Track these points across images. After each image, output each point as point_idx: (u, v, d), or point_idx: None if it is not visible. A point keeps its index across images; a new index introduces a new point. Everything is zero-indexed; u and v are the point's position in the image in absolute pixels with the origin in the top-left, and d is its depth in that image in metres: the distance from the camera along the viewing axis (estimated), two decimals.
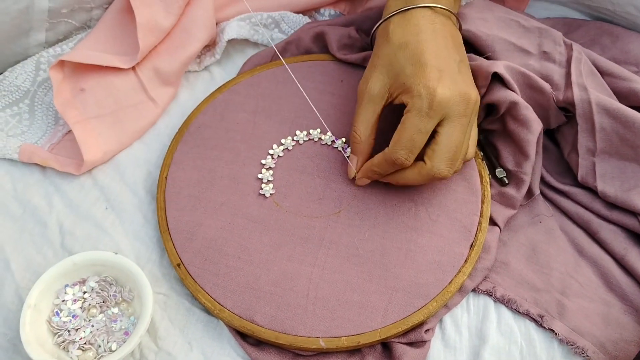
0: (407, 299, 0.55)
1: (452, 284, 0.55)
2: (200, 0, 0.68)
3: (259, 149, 0.63)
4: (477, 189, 0.61)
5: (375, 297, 0.55)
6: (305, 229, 0.58)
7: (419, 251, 0.57)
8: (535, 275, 0.58)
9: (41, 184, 0.64)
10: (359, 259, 0.57)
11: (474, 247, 0.57)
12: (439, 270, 0.56)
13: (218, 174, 0.62)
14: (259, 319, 0.54)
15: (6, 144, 0.64)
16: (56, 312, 0.55)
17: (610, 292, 0.57)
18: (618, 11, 0.68)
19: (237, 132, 0.65)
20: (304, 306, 0.54)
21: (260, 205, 0.60)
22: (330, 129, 0.64)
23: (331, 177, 0.61)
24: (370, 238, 0.58)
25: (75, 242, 0.60)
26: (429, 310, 0.54)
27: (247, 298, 0.55)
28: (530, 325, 0.56)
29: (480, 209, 0.59)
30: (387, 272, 0.56)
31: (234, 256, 0.57)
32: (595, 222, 0.60)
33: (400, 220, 0.59)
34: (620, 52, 0.68)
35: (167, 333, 0.56)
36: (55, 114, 0.67)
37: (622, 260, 0.58)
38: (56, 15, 0.68)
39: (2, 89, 0.67)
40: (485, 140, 0.64)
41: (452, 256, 0.57)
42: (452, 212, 0.59)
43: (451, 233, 0.58)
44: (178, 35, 0.68)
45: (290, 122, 0.65)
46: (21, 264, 0.59)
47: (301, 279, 0.56)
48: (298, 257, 0.57)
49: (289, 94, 0.67)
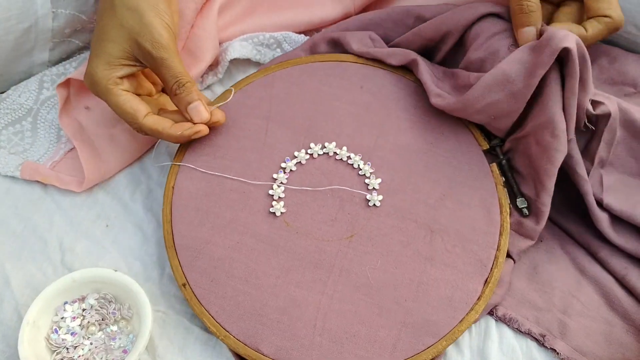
0: (417, 336, 0.53)
1: (463, 323, 0.54)
2: (205, 23, 0.68)
3: (270, 160, 0.61)
4: (497, 219, 0.58)
5: (384, 332, 0.53)
6: (315, 253, 0.57)
7: (432, 284, 0.55)
8: (537, 294, 0.58)
9: (42, 201, 0.64)
10: (370, 289, 0.55)
11: (489, 283, 0.55)
12: (451, 308, 0.54)
13: (227, 187, 0.59)
14: (265, 348, 0.53)
15: (8, 162, 0.65)
16: (55, 329, 0.55)
17: (612, 311, 0.57)
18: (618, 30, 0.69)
19: (248, 140, 0.61)
20: (310, 337, 0.53)
21: (270, 224, 0.58)
22: (347, 142, 0.61)
23: (345, 197, 0.59)
24: (382, 267, 0.56)
25: (75, 259, 0.60)
26: (438, 349, 0.53)
27: (253, 325, 0.54)
28: (532, 345, 0.56)
29: (497, 241, 0.57)
30: (398, 305, 0.54)
31: (241, 279, 0.56)
32: (595, 243, 0.60)
33: (415, 248, 0.57)
34: (618, 73, 0.68)
35: (166, 351, 0.56)
36: (57, 131, 0.67)
37: (622, 280, 0.58)
38: (60, 35, 0.68)
39: (5, 107, 0.68)
40: (508, 164, 0.61)
41: (465, 292, 0.55)
42: (468, 243, 0.57)
43: (466, 266, 0.56)
44: (184, 59, 0.68)
45: (305, 132, 0.62)
46: (21, 281, 0.59)
47: (309, 308, 0.54)
48: (307, 284, 0.55)
49: (305, 99, 0.64)
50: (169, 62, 0.56)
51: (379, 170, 0.60)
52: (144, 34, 0.55)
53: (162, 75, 0.57)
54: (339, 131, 0.62)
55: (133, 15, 0.56)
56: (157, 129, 0.57)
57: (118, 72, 0.57)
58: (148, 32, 0.55)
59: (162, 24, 0.56)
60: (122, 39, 0.56)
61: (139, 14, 0.56)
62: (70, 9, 0.67)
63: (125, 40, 0.56)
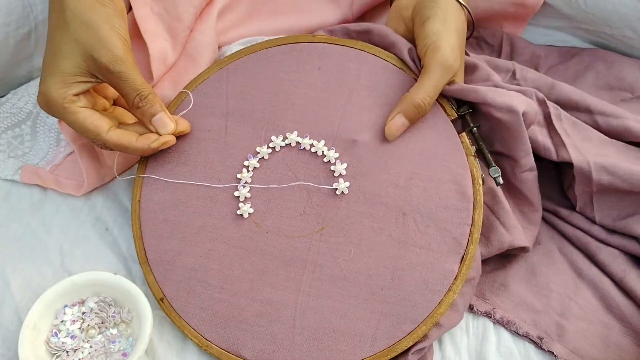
0: (395, 323, 0.53)
1: (442, 305, 0.53)
2: (204, 27, 0.69)
3: (233, 159, 0.58)
4: (469, 193, 0.55)
5: (362, 324, 0.53)
6: (287, 252, 0.56)
7: (407, 269, 0.54)
8: (535, 297, 0.58)
9: (42, 205, 0.64)
10: (345, 282, 0.54)
11: (465, 261, 0.54)
12: (428, 291, 0.53)
13: (193, 194, 0.58)
14: (246, 354, 0.53)
15: (7, 165, 0.65)
16: (55, 332, 0.55)
17: (610, 314, 0.57)
18: (616, 34, 0.69)
19: (208, 142, 0.59)
20: (290, 337, 0.53)
21: (239, 227, 0.57)
22: (309, 130, 0.58)
23: (312, 188, 0.57)
24: (356, 257, 0.55)
25: (75, 262, 0.60)
26: (418, 334, 0.52)
27: (233, 332, 0.54)
28: (530, 347, 0.56)
29: (472, 217, 0.55)
30: (374, 295, 0.54)
31: (217, 287, 0.55)
32: (594, 245, 0.60)
33: (387, 233, 0.55)
34: (615, 78, 0.69)
35: (165, 354, 0.56)
36: (56, 135, 0.67)
37: (620, 282, 0.58)
38: None
39: (5, 110, 0.68)
40: (479, 132, 0.59)
41: (441, 273, 0.54)
42: (441, 222, 0.55)
43: (440, 246, 0.54)
44: (182, 62, 0.68)
45: (266, 124, 0.59)
46: (21, 284, 0.59)
47: (286, 308, 0.54)
48: (282, 284, 0.55)
49: (262, 89, 0.60)
50: (127, 75, 0.54)
51: (344, 154, 0.57)
52: (99, 49, 0.53)
53: (122, 88, 0.55)
54: (301, 119, 0.59)
55: (88, 29, 0.53)
56: (122, 143, 0.55)
57: (73, 90, 0.54)
58: (104, 47, 0.53)
59: (118, 37, 0.54)
60: (77, 54, 0.53)
61: (94, 29, 0.53)
62: None
63: (80, 56, 0.54)
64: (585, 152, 0.58)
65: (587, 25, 0.70)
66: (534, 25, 0.74)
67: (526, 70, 0.64)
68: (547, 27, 0.74)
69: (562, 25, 0.73)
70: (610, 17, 0.68)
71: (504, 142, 0.58)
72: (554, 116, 0.60)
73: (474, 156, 0.57)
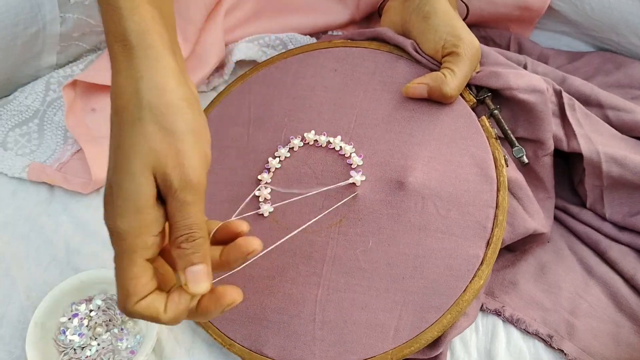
0: (419, 313, 0.51)
1: (468, 292, 0.50)
2: (212, 26, 0.69)
3: (255, 162, 0.60)
4: (492, 175, 0.54)
5: (384, 315, 0.52)
6: (306, 246, 0.55)
7: (429, 256, 0.52)
8: (544, 295, 0.58)
9: (49, 203, 0.64)
10: (364, 272, 0.53)
11: (490, 245, 0.52)
12: (452, 277, 0.51)
13: (218, 199, 0.59)
14: (268, 351, 0.53)
15: (15, 163, 0.65)
16: (62, 330, 0.55)
17: (620, 312, 0.57)
18: (622, 42, 0.69)
19: (232, 149, 0.61)
20: (312, 332, 0.53)
21: (260, 225, 0.57)
22: (326, 128, 0.59)
23: (330, 182, 0.56)
24: (375, 247, 0.53)
25: (82, 260, 0.60)
26: (443, 324, 0.50)
27: (255, 329, 0.54)
28: (540, 346, 0.56)
29: (495, 199, 0.53)
30: (395, 284, 0.52)
31: (239, 285, 0.55)
32: (604, 242, 0.60)
33: (407, 219, 0.53)
34: (625, 75, 0.68)
35: (173, 353, 0.56)
36: (64, 133, 0.68)
37: (631, 280, 0.58)
38: (67, 39, 0.69)
39: (12, 108, 0.68)
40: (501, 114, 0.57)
41: (466, 258, 0.51)
42: (464, 206, 0.53)
43: (464, 231, 0.52)
44: (190, 61, 0.69)
45: (284, 127, 0.60)
46: (28, 282, 0.59)
47: (307, 303, 0.54)
48: (302, 279, 0.55)
49: (281, 96, 0.62)
50: (189, 209, 0.41)
51: (361, 147, 0.57)
52: (174, 166, 0.40)
53: (175, 219, 0.41)
54: (318, 119, 0.60)
55: (166, 137, 0.41)
56: (150, 315, 0.42)
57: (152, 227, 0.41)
58: (179, 165, 0.41)
59: (199, 155, 0.42)
60: (150, 169, 0.40)
61: (174, 137, 0.41)
62: (77, 14, 0.67)
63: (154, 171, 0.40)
64: (595, 143, 0.58)
65: (593, 31, 0.70)
66: (541, 29, 0.74)
67: (537, 64, 0.64)
68: (554, 31, 0.74)
69: (569, 31, 0.73)
70: (616, 24, 0.68)
71: (528, 124, 0.57)
72: (567, 106, 0.59)
73: (495, 138, 0.55)
